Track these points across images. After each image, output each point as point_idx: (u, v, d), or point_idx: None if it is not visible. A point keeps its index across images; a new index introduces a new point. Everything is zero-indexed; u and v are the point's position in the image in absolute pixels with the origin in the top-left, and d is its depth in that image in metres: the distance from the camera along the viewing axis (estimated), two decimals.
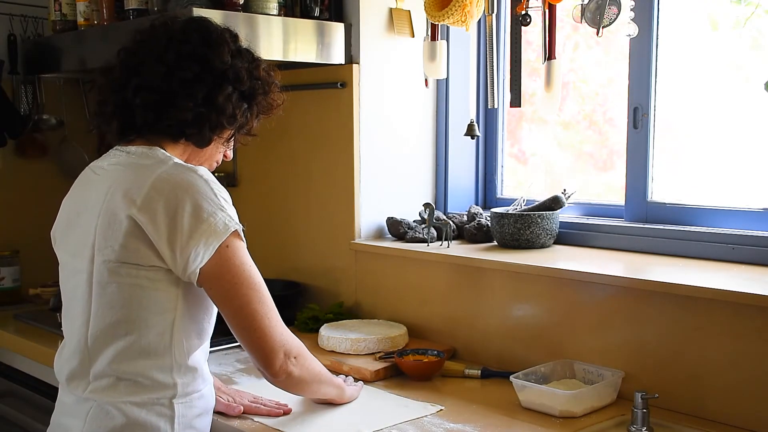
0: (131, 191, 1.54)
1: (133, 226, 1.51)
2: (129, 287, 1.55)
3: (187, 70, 1.60)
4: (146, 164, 1.58)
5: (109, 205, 1.55)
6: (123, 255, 1.53)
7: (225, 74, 1.62)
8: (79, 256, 1.61)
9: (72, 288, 1.65)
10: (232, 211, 1.58)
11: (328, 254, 2.73)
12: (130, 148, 1.63)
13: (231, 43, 1.67)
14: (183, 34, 1.63)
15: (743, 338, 1.81)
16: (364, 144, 2.61)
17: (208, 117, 1.62)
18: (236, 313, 1.58)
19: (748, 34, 2.25)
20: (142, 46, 1.64)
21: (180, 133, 1.63)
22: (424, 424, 1.83)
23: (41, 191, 3.10)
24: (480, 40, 2.71)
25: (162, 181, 1.53)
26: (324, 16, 2.54)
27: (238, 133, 1.73)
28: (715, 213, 2.21)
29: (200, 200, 1.52)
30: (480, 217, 2.58)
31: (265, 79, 1.71)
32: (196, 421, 1.64)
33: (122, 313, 1.56)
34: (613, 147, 2.56)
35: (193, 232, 1.50)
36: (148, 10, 2.46)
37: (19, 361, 2.58)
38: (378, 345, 2.28)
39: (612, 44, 2.49)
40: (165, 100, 1.59)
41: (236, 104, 1.64)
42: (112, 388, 1.57)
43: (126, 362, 1.56)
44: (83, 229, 1.61)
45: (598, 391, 1.90)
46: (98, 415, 1.57)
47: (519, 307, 2.22)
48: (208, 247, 1.52)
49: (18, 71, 3.06)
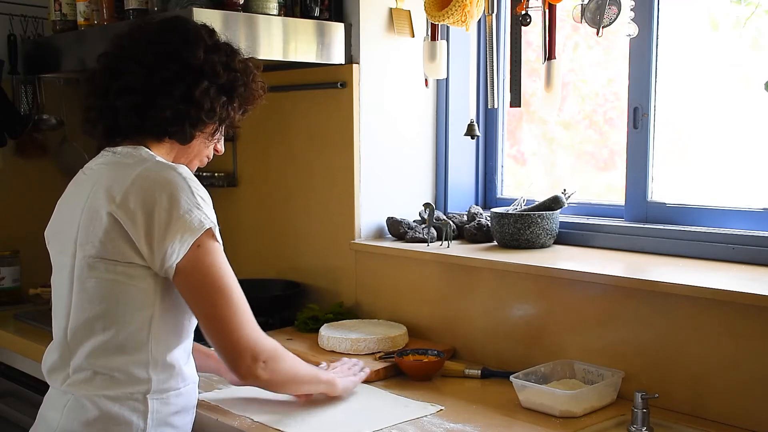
0: (112, 188, 1.57)
1: (113, 222, 1.55)
2: (108, 283, 1.57)
3: (165, 69, 1.63)
4: (128, 163, 1.62)
5: (92, 203, 1.60)
6: (102, 251, 1.56)
7: (201, 69, 1.65)
8: (63, 252, 1.65)
9: (57, 284, 1.69)
10: (208, 209, 1.60)
11: (328, 254, 2.73)
12: (117, 149, 1.68)
13: (207, 38, 1.69)
14: (159, 34, 1.67)
15: (743, 338, 1.81)
16: (364, 144, 2.61)
17: (187, 113, 1.64)
18: (204, 314, 1.60)
19: (748, 34, 2.25)
20: (121, 50, 1.68)
21: (163, 131, 1.66)
22: (424, 424, 1.83)
23: (41, 191, 3.10)
24: (480, 40, 2.71)
25: (141, 178, 1.57)
26: (324, 16, 2.54)
27: (222, 126, 1.74)
28: (715, 213, 2.21)
29: (177, 197, 1.55)
30: (480, 217, 2.58)
31: (243, 71, 1.72)
32: (174, 419, 1.66)
33: (101, 308, 1.59)
34: (613, 147, 2.56)
35: (168, 227, 1.53)
36: (148, 10, 2.46)
37: (19, 361, 2.58)
38: (378, 345, 2.27)
39: (612, 44, 2.49)
40: (146, 101, 1.63)
41: (214, 98, 1.66)
42: (88, 382, 1.60)
43: (103, 357, 1.59)
44: (68, 226, 1.65)
45: (598, 391, 1.90)
46: (74, 408, 1.60)
47: (519, 307, 2.22)
48: (183, 243, 1.54)
49: (18, 71, 3.06)
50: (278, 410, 1.91)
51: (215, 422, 1.86)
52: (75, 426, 1.59)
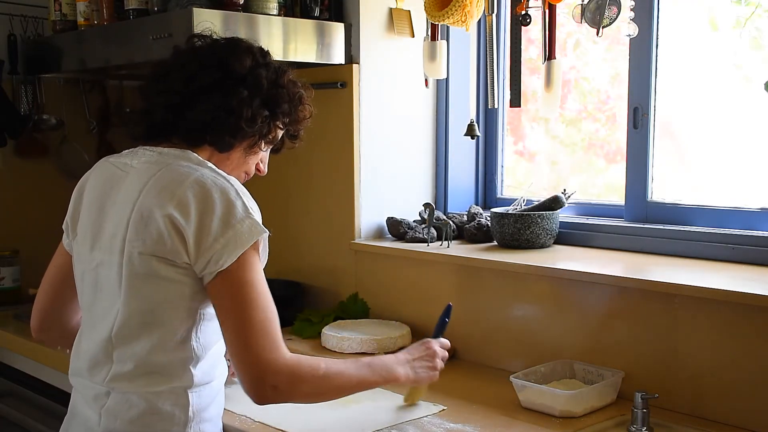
0: (168, 189, 1.57)
1: (168, 222, 1.54)
2: (157, 281, 1.57)
3: (207, 75, 1.65)
4: (182, 165, 1.62)
5: (144, 201, 1.59)
6: (154, 249, 1.56)
7: (244, 79, 1.66)
8: (105, 249, 1.63)
9: (93, 280, 1.66)
10: (259, 221, 1.61)
11: (328, 254, 2.73)
12: (161, 149, 1.67)
13: (258, 54, 1.72)
14: (210, 46, 1.72)
15: (743, 338, 1.81)
16: (364, 144, 2.61)
17: (226, 121, 1.65)
18: (232, 326, 1.56)
19: (748, 34, 2.25)
20: (172, 58, 1.72)
21: (200, 136, 1.67)
22: (424, 424, 1.83)
23: (41, 191, 3.10)
24: (480, 40, 2.71)
25: (199, 183, 1.57)
26: (324, 16, 2.54)
27: (262, 141, 1.74)
28: (715, 213, 2.21)
29: (232, 205, 1.56)
30: (480, 217, 2.58)
31: (290, 89, 1.74)
32: (209, 410, 1.67)
33: (149, 306, 1.59)
34: (614, 145, 2.56)
35: (221, 233, 1.53)
36: (148, 10, 2.46)
37: (19, 361, 2.58)
38: (378, 345, 2.28)
39: (614, 42, 2.49)
40: (184, 102, 1.65)
41: (256, 110, 1.67)
42: (133, 378, 1.60)
43: (149, 353, 1.59)
44: (113, 223, 1.63)
45: (598, 391, 1.90)
46: (118, 403, 1.60)
47: (519, 307, 2.22)
48: (232, 253, 1.54)
49: (18, 71, 3.06)
50: (278, 410, 1.91)
51: None
52: (118, 422, 1.60)
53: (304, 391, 1.62)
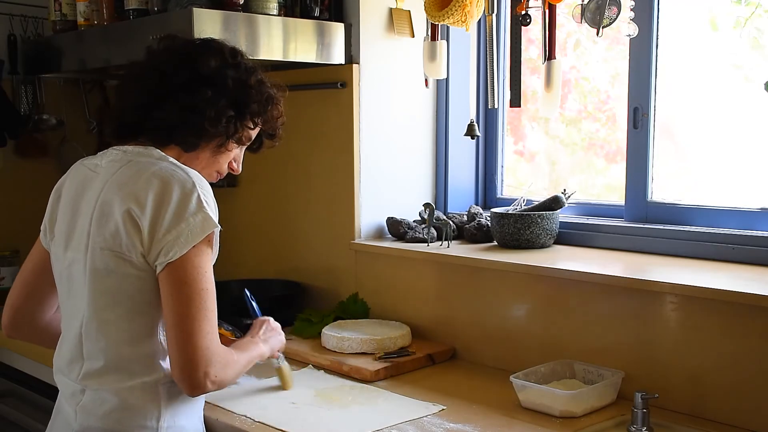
0: (126, 184, 1.60)
1: (125, 216, 1.57)
2: (116, 276, 1.59)
3: (177, 75, 1.67)
4: (142, 161, 1.65)
5: (105, 197, 1.62)
6: (112, 244, 1.59)
7: (210, 79, 1.68)
8: (74, 248, 1.67)
9: (67, 279, 1.69)
10: (214, 215, 1.61)
11: (328, 254, 2.73)
12: (126, 147, 1.70)
13: (228, 55, 1.72)
14: (184, 47, 1.74)
15: (743, 338, 1.81)
16: (364, 144, 2.61)
17: (189, 120, 1.66)
18: (174, 312, 1.57)
19: (748, 34, 2.25)
20: (148, 59, 1.74)
21: (166, 135, 1.68)
22: (424, 424, 1.83)
23: (41, 191, 3.05)
24: (480, 40, 2.71)
25: (156, 176, 1.59)
26: (324, 16, 2.54)
27: (230, 141, 1.73)
28: (715, 213, 2.21)
29: (188, 198, 1.57)
30: (480, 217, 2.58)
31: (258, 88, 1.74)
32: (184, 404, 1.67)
33: (113, 301, 1.61)
34: (614, 145, 2.56)
35: (174, 225, 1.55)
36: (148, 10, 2.46)
37: (19, 361, 2.58)
38: (378, 345, 2.28)
39: (614, 42, 2.49)
40: (153, 102, 1.67)
41: (221, 110, 1.68)
42: (103, 374, 1.62)
43: (117, 348, 1.61)
44: (81, 222, 1.66)
45: (598, 391, 1.90)
46: (91, 400, 1.63)
47: (519, 307, 2.22)
48: (184, 244, 1.55)
49: (18, 71, 3.06)
50: (279, 410, 1.92)
51: (215, 422, 1.86)
52: (92, 419, 1.62)
53: (229, 379, 1.65)
